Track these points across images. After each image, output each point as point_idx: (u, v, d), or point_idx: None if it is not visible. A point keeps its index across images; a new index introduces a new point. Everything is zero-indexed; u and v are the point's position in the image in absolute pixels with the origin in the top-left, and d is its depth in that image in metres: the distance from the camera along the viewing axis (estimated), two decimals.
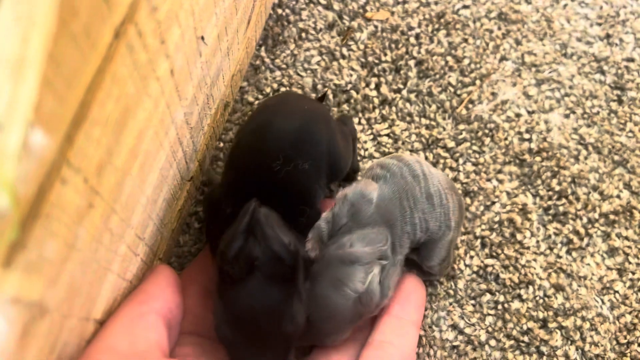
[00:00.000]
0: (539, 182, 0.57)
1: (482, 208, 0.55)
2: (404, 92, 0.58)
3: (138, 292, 0.38)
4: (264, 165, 0.42)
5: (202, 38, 0.37)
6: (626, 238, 0.56)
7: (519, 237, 0.55)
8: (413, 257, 0.47)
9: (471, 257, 0.54)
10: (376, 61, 0.59)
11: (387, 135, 0.57)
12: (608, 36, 0.64)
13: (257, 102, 0.56)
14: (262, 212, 0.39)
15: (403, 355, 0.43)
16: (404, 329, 0.44)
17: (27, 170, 0.21)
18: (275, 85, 0.57)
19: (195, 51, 0.37)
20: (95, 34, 0.23)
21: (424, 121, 0.57)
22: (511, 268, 0.54)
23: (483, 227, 0.55)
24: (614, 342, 0.52)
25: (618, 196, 0.57)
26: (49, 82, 0.21)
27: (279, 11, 0.60)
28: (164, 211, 0.42)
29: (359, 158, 0.56)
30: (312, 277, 0.42)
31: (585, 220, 0.56)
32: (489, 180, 0.56)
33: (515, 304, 0.53)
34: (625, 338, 0.52)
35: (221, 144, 0.54)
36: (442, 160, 0.56)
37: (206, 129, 0.48)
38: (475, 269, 0.53)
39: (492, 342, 0.51)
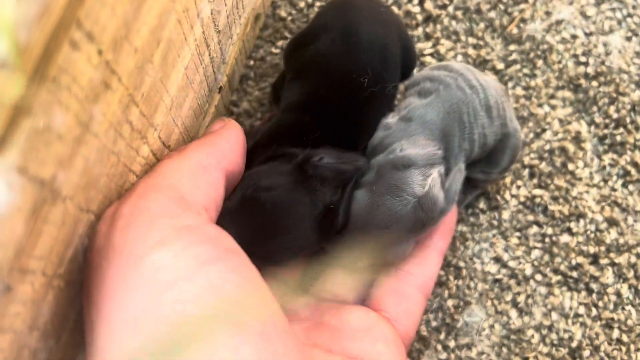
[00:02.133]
0: (594, 109, 0.52)
1: (531, 135, 0.51)
2: (450, 9, 0.54)
3: (207, 143, 0.35)
4: (349, 82, 0.40)
5: None
6: None
7: (570, 167, 0.50)
8: (475, 174, 0.44)
9: (518, 187, 0.50)
10: None
11: (431, 54, 0.52)
12: None
13: (290, 17, 0.52)
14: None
15: (420, 285, 0.41)
16: (426, 257, 0.41)
17: (29, 15, 0.18)
18: (310, 0, 0.53)
19: None
20: None
21: (471, 40, 0.53)
22: (561, 200, 0.50)
23: (532, 155, 0.51)
24: None
25: None
26: None
27: None
28: (191, 120, 0.39)
29: None
30: (366, 187, 0.38)
31: None
32: (540, 105, 0.52)
33: (564, 238, 0.49)
34: None
35: (252, 62, 0.51)
36: None
37: (235, 38, 0.44)
38: (522, 199, 0.50)
39: (538, 277, 0.48)
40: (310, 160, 0.37)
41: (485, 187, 0.48)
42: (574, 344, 0.47)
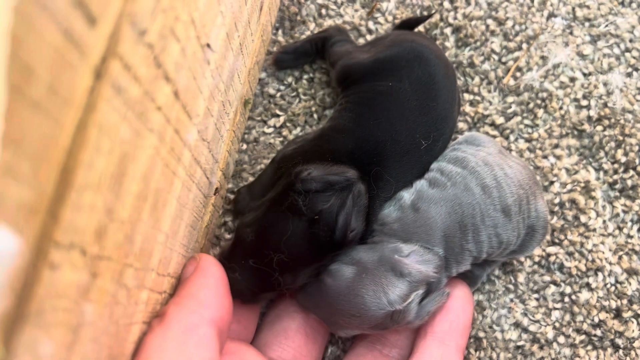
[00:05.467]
0: (601, 154, 0.50)
1: None
2: None
3: (186, 297, 0.34)
4: (409, 134, 0.42)
5: (208, 45, 0.32)
6: None
7: (583, 219, 0.49)
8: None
9: None
10: None
11: None
12: None
13: (279, 93, 0.51)
14: (358, 189, 0.39)
15: None
16: (447, 356, 0.40)
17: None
18: (297, 73, 0.51)
19: (202, 62, 0.32)
20: (65, 88, 0.18)
21: (467, 97, 0.51)
22: (577, 255, 0.48)
23: (547, 206, 0.49)
24: None
25: None
26: (9, 169, 0.16)
27: None
28: (189, 237, 0.38)
29: None
30: (358, 266, 0.38)
31: None
32: (545, 157, 0.50)
33: (584, 295, 0.47)
34: None
35: (244, 146, 0.49)
36: None
37: (225, 135, 0.43)
38: (536, 259, 0.48)
39: (561, 339, 0.47)
40: (299, 175, 0.38)
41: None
42: None
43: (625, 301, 0.47)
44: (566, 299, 0.47)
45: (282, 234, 0.37)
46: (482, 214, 0.38)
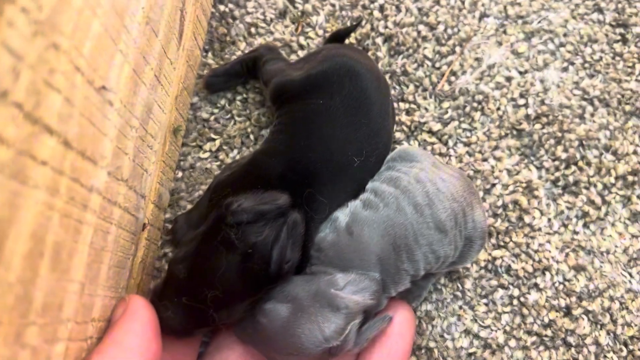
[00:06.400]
0: (542, 152, 0.50)
1: (481, 193, 0.49)
2: None
3: (111, 345, 0.33)
4: (342, 152, 0.42)
5: (104, 87, 0.31)
6: None
7: (527, 219, 0.49)
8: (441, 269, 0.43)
9: None
10: None
11: None
12: None
13: (212, 117, 0.50)
14: (293, 219, 0.38)
15: None
16: None
17: None
18: (230, 95, 0.51)
19: (100, 104, 0.31)
20: None
21: (402, 106, 0.51)
22: (523, 256, 0.48)
23: (485, 214, 0.49)
24: None
25: (635, 152, 0.50)
26: None
27: (221, 8, 0.53)
28: (116, 278, 0.37)
29: None
30: (294, 303, 0.38)
31: (600, 186, 0.50)
32: (485, 160, 0.50)
33: (533, 295, 0.47)
34: None
35: (180, 174, 0.49)
36: (429, 147, 0.50)
37: (152, 168, 0.42)
38: (482, 264, 0.48)
39: (512, 342, 0.46)
40: (229, 207, 0.37)
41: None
42: None
43: (574, 298, 0.47)
44: (515, 302, 0.47)
45: (215, 270, 0.36)
46: (415, 234, 0.38)
